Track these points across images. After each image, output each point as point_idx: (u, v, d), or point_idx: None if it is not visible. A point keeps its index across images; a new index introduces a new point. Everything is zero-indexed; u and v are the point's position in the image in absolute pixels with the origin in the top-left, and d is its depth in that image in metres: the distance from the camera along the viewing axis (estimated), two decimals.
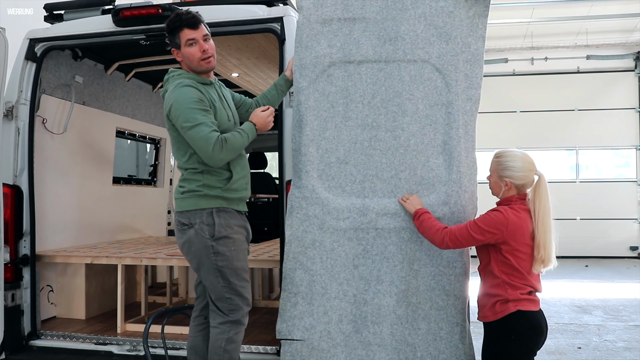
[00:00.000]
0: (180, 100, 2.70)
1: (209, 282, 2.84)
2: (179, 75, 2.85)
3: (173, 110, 2.72)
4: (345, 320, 3.01)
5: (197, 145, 2.68)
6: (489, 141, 12.27)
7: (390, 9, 3.01)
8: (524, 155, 2.65)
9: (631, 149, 12.98)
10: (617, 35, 12.58)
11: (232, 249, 2.84)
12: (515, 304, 2.55)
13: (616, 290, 8.70)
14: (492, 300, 2.60)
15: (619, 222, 12.70)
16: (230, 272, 2.83)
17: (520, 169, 2.61)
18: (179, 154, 2.86)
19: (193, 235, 2.79)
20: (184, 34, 2.82)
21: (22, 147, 3.72)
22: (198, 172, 2.80)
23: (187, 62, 2.87)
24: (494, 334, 2.64)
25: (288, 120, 3.20)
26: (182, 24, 2.81)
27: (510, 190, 2.64)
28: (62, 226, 4.41)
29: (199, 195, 2.80)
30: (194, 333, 3.03)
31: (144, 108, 5.70)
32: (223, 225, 2.81)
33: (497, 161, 2.68)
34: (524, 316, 2.55)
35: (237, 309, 2.86)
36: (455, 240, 2.63)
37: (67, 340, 3.74)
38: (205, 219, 2.78)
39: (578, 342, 5.63)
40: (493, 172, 2.71)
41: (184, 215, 2.82)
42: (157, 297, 5.05)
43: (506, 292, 2.56)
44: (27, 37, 3.78)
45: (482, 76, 3.05)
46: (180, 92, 2.73)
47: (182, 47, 2.84)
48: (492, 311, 2.60)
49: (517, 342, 2.55)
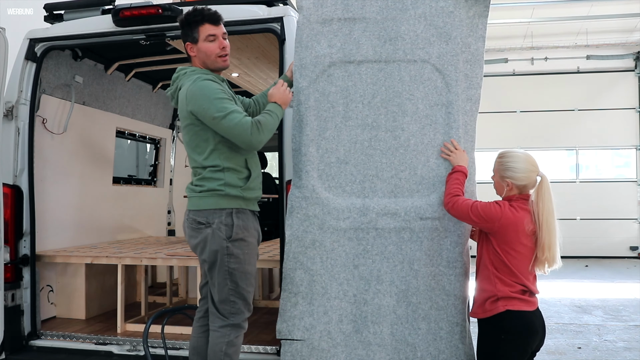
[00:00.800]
0: (207, 92, 2.68)
1: (217, 283, 2.81)
2: (193, 72, 2.82)
3: (200, 103, 2.67)
4: (345, 320, 3.01)
5: (234, 132, 2.65)
6: (489, 141, 12.28)
7: (390, 9, 3.02)
8: (526, 157, 2.66)
9: (631, 149, 12.98)
10: (617, 35, 12.57)
11: (245, 252, 2.82)
12: (504, 304, 2.54)
13: (616, 290, 8.70)
14: (483, 296, 2.62)
15: (619, 222, 12.70)
16: (240, 275, 2.81)
17: (521, 170, 2.61)
18: (197, 152, 2.80)
19: (210, 234, 2.77)
20: (205, 29, 2.80)
21: (22, 147, 3.72)
22: (219, 170, 2.76)
23: (202, 58, 2.84)
24: (484, 332, 2.65)
25: (288, 120, 3.20)
26: (204, 19, 2.80)
27: (512, 190, 2.65)
28: (62, 226, 4.41)
29: (220, 194, 2.76)
30: (197, 334, 3.00)
31: (144, 108, 5.70)
32: (241, 227, 2.80)
33: (500, 161, 2.70)
34: (514, 316, 2.54)
35: (239, 313, 2.85)
36: (454, 210, 2.71)
37: (67, 340, 3.74)
38: (225, 219, 2.76)
39: (578, 342, 5.63)
40: (496, 172, 2.72)
41: (202, 214, 2.79)
42: (157, 297, 5.05)
43: (495, 288, 2.56)
44: (27, 37, 3.78)
45: (482, 76, 3.05)
46: (202, 85, 2.70)
47: (199, 41, 2.81)
48: (482, 309, 2.62)
49: (508, 342, 2.54)
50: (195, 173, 2.86)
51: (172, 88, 2.89)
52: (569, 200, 12.36)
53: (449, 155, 2.95)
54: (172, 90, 2.89)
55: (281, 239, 3.20)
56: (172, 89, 2.89)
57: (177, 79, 2.87)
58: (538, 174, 2.63)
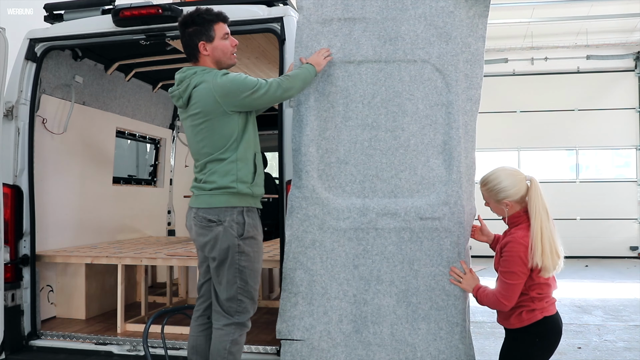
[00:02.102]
0: (234, 79, 2.77)
1: (226, 281, 2.81)
2: (205, 71, 2.83)
3: (233, 89, 2.74)
4: (345, 320, 3.01)
5: (268, 95, 2.78)
6: (489, 141, 12.31)
7: (390, 9, 3.02)
8: (507, 170, 2.61)
9: (631, 149, 12.98)
10: (617, 35, 12.57)
11: (255, 250, 2.86)
12: (541, 312, 2.54)
13: (616, 290, 8.69)
14: (518, 310, 2.56)
15: (619, 222, 12.70)
16: (250, 273, 2.83)
17: (511, 186, 2.56)
18: (219, 144, 2.80)
19: (221, 232, 2.78)
20: (220, 27, 2.86)
21: (22, 147, 3.72)
22: (232, 162, 2.79)
23: (218, 56, 2.88)
24: (518, 338, 2.61)
25: (288, 120, 3.20)
26: (219, 17, 2.86)
27: (514, 207, 2.60)
28: (62, 226, 4.41)
29: (232, 192, 2.79)
30: (196, 333, 3.01)
31: (144, 108, 5.70)
32: (251, 225, 2.84)
33: (486, 189, 2.63)
34: (549, 321, 2.55)
35: (245, 312, 2.86)
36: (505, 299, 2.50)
37: (67, 340, 3.74)
38: (236, 217, 2.79)
39: (578, 342, 5.63)
40: (488, 200, 2.66)
41: (212, 212, 2.80)
42: (157, 297, 5.05)
43: (533, 303, 2.54)
44: (27, 37, 3.78)
45: (482, 76, 3.05)
46: (227, 76, 2.78)
47: (216, 39, 2.85)
48: (519, 319, 2.56)
49: (542, 345, 2.55)
50: (204, 168, 2.86)
51: (182, 87, 2.84)
52: (568, 200, 12.36)
53: (459, 282, 2.89)
54: (182, 89, 2.84)
55: (281, 239, 3.20)
56: (182, 87, 2.84)
57: (185, 78, 2.84)
58: (526, 179, 2.59)
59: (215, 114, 2.77)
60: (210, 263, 2.89)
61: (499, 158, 13.08)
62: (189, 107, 2.84)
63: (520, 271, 2.47)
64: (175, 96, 2.90)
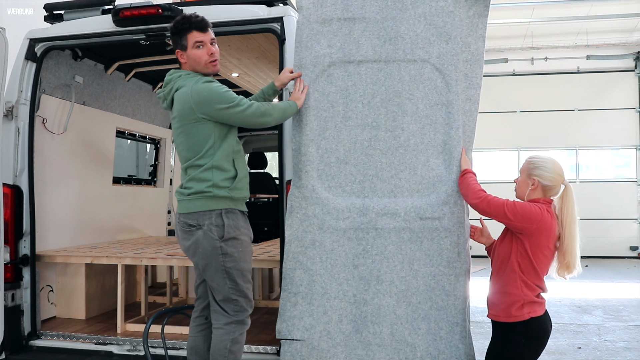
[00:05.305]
0: (214, 89, 2.76)
1: (216, 284, 2.83)
2: (189, 75, 2.85)
3: (209, 98, 2.73)
4: (345, 320, 3.01)
5: (244, 114, 2.76)
6: (489, 141, 12.31)
7: (390, 9, 3.02)
8: (556, 163, 2.69)
9: (631, 149, 12.98)
10: (617, 35, 12.58)
11: (239, 250, 2.85)
12: (529, 311, 2.56)
13: (616, 290, 8.70)
14: (508, 300, 2.59)
15: (619, 222, 12.70)
16: (237, 273, 2.84)
17: (550, 171, 2.63)
18: (195, 150, 2.81)
19: (201, 236, 2.79)
20: (192, 36, 2.84)
21: (22, 147, 3.72)
22: (207, 170, 2.79)
23: (192, 64, 2.88)
24: (503, 335, 2.64)
25: (288, 120, 3.20)
26: (192, 26, 2.84)
27: (536, 191, 2.64)
28: (62, 226, 4.41)
29: (208, 196, 2.79)
30: (194, 333, 3.02)
31: (144, 108, 5.69)
32: (232, 226, 2.82)
33: (530, 161, 2.71)
34: (535, 322, 2.57)
35: (242, 310, 2.88)
36: (486, 207, 2.61)
37: (67, 340, 3.73)
38: (215, 220, 2.79)
39: (578, 342, 5.63)
40: (523, 171, 2.71)
41: (192, 217, 2.81)
42: (157, 297, 5.04)
43: (522, 292, 2.56)
44: (27, 37, 3.78)
45: (482, 76, 3.05)
46: (208, 84, 2.78)
47: (188, 48, 2.85)
48: (506, 313, 2.59)
49: (527, 345, 2.57)
50: (185, 174, 2.89)
51: (166, 90, 2.90)
52: None
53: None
54: (166, 91, 2.90)
55: (281, 239, 3.20)
56: (166, 90, 2.90)
57: (170, 81, 2.89)
58: (563, 181, 2.65)
59: (189, 119, 2.78)
60: (195, 266, 2.92)
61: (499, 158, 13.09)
62: (173, 110, 2.88)
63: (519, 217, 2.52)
64: (161, 98, 2.94)
